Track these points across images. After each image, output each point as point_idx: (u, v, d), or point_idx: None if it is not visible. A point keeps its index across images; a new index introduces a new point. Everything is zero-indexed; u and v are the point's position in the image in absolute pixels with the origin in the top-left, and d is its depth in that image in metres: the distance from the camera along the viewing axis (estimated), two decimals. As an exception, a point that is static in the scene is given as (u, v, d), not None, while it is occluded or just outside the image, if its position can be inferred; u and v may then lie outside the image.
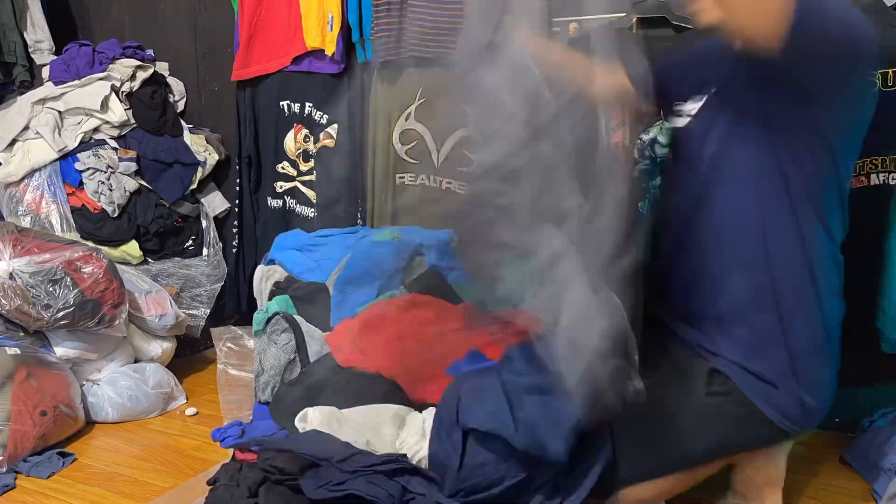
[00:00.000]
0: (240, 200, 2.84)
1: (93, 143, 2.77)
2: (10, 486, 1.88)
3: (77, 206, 2.75)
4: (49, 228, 2.67)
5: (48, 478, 1.93)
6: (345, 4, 2.53)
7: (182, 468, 1.98)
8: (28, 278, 2.15)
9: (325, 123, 2.70)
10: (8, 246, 2.19)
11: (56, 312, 2.15)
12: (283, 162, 2.79)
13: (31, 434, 2.00)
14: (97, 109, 2.73)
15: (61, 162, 2.75)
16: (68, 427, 2.12)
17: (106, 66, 2.81)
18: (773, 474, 1.55)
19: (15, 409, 1.99)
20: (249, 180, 2.82)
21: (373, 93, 2.57)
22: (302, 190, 2.78)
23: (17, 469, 1.95)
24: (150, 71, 2.90)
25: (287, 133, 2.77)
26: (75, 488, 1.89)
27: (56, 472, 1.95)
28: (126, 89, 2.82)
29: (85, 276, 2.22)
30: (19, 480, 1.92)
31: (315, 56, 2.64)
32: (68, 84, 2.77)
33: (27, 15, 2.96)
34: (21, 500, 1.84)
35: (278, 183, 2.81)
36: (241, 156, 2.82)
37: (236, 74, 2.74)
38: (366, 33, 2.53)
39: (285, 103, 2.74)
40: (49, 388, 2.09)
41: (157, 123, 2.86)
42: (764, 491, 1.55)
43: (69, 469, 1.99)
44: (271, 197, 2.83)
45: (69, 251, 2.25)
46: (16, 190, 2.74)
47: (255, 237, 2.87)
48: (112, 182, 2.76)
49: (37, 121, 2.74)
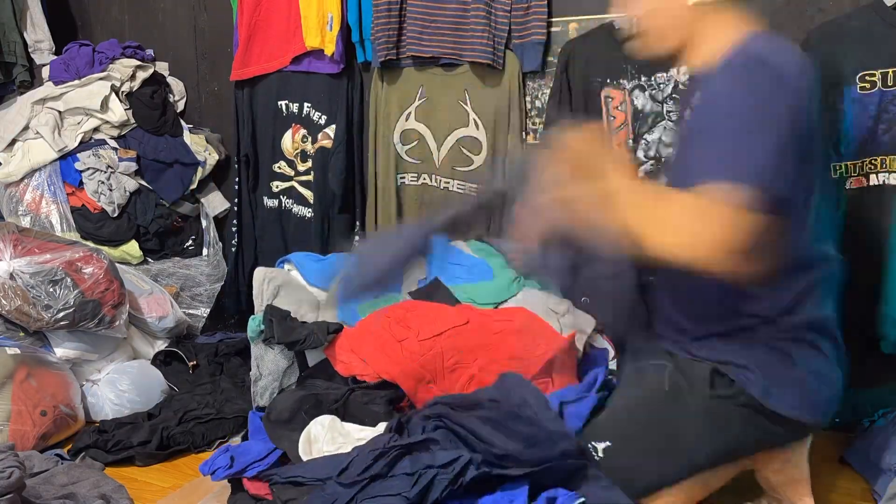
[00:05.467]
0: (238, 200, 2.85)
1: (93, 142, 2.78)
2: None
3: (77, 205, 2.75)
4: (49, 228, 2.67)
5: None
6: (344, 4, 2.53)
7: (182, 468, 1.98)
8: (28, 279, 2.15)
9: (323, 124, 2.70)
10: (8, 246, 2.19)
11: (56, 313, 2.15)
12: (280, 161, 2.79)
13: (31, 434, 2.00)
14: (97, 109, 2.73)
15: (61, 162, 2.75)
16: (68, 427, 2.13)
17: (106, 66, 2.81)
18: (796, 473, 1.54)
19: (15, 409, 1.99)
20: (248, 180, 2.83)
21: (372, 93, 2.58)
22: (299, 190, 2.78)
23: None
24: (149, 71, 2.90)
25: (285, 133, 2.77)
26: (75, 488, 1.89)
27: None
28: (126, 89, 2.82)
29: (85, 276, 2.22)
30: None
31: (314, 56, 2.64)
32: (68, 84, 2.77)
33: (27, 15, 2.97)
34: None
35: (274, 182, 2.81)
36: (239, 155, 2.82)
37: (235, 74, 2.74)
38: (366, 33, 2.53)
39: (283, 103, 2.74)
40: (49, 388, 2.09)
41: (157, 123, 2.86)
42: (789, 491, 1.54)
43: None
44: (267, 197, 2.83)
45: (70, 252, 2.25)
46: (16, 190, 2.74)
47: (255, 237, 2.87)
48: (112, 182, 2.76)
49: (37, 121, 2.74)
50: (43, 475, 1.72)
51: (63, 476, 1.72)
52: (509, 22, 2.34)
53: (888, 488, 1.56)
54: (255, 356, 1.89)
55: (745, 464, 1.50)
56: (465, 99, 2.45)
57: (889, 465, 1.73)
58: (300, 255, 2.10)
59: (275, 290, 1.84)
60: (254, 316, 1.88)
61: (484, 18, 2.33)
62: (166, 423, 2.06)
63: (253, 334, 1.85)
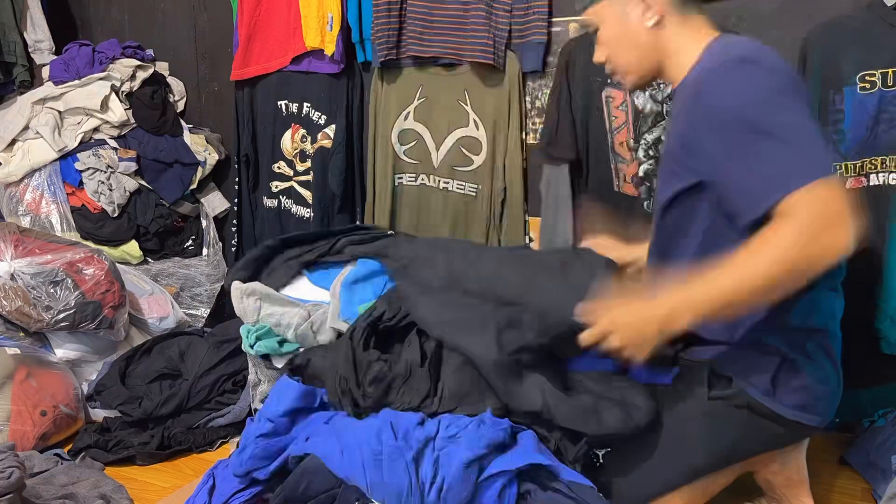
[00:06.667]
0: (238, 200, 2.85)
1: (93, 142, 2.78)
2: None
3: (77, 205, 2.75)
4: (49, 228, 2.67)
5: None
6: (345, 4, 2.53)
7: (182, 469, 1.98)
8: (29, 279, 2.15)
9: (322, 124, 2.70)
10: (9, 247, 2.19)
11: (57, 314, 2.15)
12: (280, 161, 2.79)
13: (31, 434, 2.00)
14: (97, 109, 2.73)
15: (61, 162, 2.75)
16: (68, 427, 2.13)
17: (106, 66, 2.81)
18: (795, 474, 1.54)
19: (15, 409, 1.99)
20: (248, 180, 2.83)
21: (372, 93, 2.58)
22: (298, 190, 2.78)
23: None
24: (149, 71, 2.91)
25: (284, 133, 2.77)
26: (76, 489, 1.89)
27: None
28: (126, 89, 2.82)
29: (86, 277, 2.22)
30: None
31: (314, 56, 2.64)
32: (68, 84, 2.77)
33: (27, 15, 2.96)
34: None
35: (274, 182, 2.81)
36: (239, 155, 2.82)
37: (236, 74, 2.74)
38: (366, 33, 2.53)
39: (283, 103, 2.74)
40: (49, 389, 2.09)
41: (157, 123, 2.86)
42: (788, 492, 1.54)
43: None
44: (267, 197, 2.83)
45: (70, 252, 2.25)
46: (16, 190, 2.74)
47: (254, 237, 2.87)
48: (112, 182, 2.76)
49: (37, 121, 2.74)
50: (43, 475, 1.72)
51: (63, 476, 1.72)
52: (510, 22, 2.34)
53: (888, 488, 1.56)
54: (252, 362, 1.88)
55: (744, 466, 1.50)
56: (465, 99, 2.45)
57: (889, 465, 1.73)
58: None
59: (256, 303, 1.80)
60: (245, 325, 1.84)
61: (484, 18, 2.33)
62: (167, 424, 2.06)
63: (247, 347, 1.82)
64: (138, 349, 2.28)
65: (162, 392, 2.11)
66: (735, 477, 1.51)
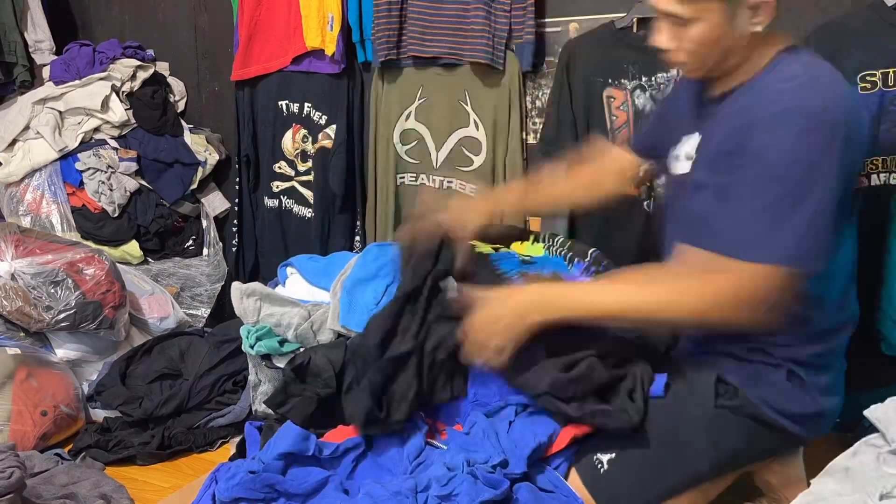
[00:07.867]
0: (239, 200, 2.85)
1: (93, 142, 2.78)
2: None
3: (77, 206, 2.75)
4: (49, 228, 2.68)
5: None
6: (345, 4, 2.53)
7: (182, 469, 1.98)
8: (30, 279, 2.16)
9: (323, 124, 2.70)
10: (10, 247, 2.19)
11: (57, 314, 2.15)
12: (281, 162, 2.79)
13: (31, 434, 2.00)
14: (97, 109, 2.73)
15: (62, 162, 2.75)
16: (68, 427, 2.13)
17: (106, 66, 2.81)
18: (793, 475, 1.54)
19: (15, 409, 2.00)
20: (248, 180, 2.83)
21: (373, 93, 2.58)
22: (299, 190, 2.78)
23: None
24: (150, 71, 2.91)
25: (285, 133, 2.77)
26: (76, 489, 1.89)
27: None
28: (126, 89, 2.82)
29: (86, 277, 2.23)
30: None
31: (315, 56, 2.64)
32: (69, 84, 2.77)
33: (27, 15, 2.96)
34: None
35: (275, 183, 2.81)
36: (239, 155, 2.82)
37: (236, 74, 2.74)
38: (366, 33, 2.53)
39: (284, 103, 2.74)
40: (49, 389, 2.09)
41: (158, 123, 2.86)
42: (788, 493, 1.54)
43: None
44: (268, 197, 2.83)
45: (71, 252, 2.25)
46: (16, 190, 2.74)
47: (255, 237, 2.87)
48: (112, 182, 2.76)
49: (37, 121, 2.74)
50: (43, 475, 1.73)
51: (63, 476, 1.72)
52: (509, 22, 2.34)
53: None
54: (252, 362, 1.88)
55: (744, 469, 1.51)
56: (465, 99, 2.45)
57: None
58: (302, 259, 2.09)
59: (256, 304, 1.80)
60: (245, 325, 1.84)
61: (484, 19, 2.33)
62: (167, 424, 2.07)
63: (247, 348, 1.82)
64: (139, 349, 2.28)
65: (162, 392, 2.11)
66: (734, 479, 1.51)
